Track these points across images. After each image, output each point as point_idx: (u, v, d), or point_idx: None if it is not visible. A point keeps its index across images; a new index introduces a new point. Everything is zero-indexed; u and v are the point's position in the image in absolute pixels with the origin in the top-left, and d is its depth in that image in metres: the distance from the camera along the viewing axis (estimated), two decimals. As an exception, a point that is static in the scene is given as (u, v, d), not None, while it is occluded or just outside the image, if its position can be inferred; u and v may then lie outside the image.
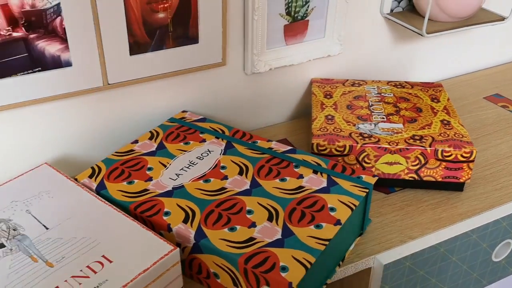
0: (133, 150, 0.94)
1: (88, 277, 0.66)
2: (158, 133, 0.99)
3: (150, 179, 0.87)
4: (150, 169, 0.89)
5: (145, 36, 0.92)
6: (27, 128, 0.92)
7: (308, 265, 0.69)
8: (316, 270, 0.73)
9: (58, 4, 0.82)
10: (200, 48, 0.99)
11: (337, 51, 1.19)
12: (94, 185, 0.86)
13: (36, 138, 0.94)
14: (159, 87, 1.02)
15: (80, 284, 0.65)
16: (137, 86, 0.99)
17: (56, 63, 0.86)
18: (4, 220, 0.75)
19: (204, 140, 0.97)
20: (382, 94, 1.13)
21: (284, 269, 0.69)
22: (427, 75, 1.38)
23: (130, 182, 0.86)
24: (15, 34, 0.81)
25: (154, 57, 0.95)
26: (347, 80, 1.21)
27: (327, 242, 0.73)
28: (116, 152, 0.94)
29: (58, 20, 0.83)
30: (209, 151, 0.94)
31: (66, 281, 0.65)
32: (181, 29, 0.95)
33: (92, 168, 0.90)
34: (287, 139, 1.15)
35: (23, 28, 0.81)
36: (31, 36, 0.82)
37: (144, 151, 0.94)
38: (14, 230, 0.74)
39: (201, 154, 0.93)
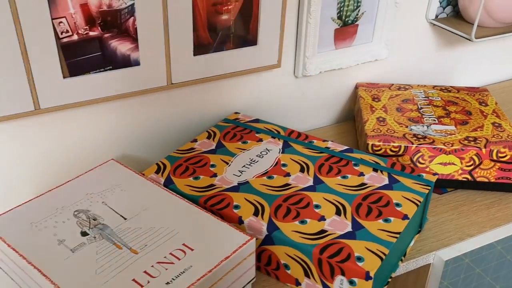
0: (194, 149, 0.97)
1: (172, 263, 0.68)
2: (215, 133, 1.02)
3: (215, 175, 0.89)
4: (213, 166, 0.92)
5: (208, 37, 0.95)
6: (95, 124, 0.95)
7: (383, 256, 0.71)
8: (385, 263, 0.75)
9: (132, 5, 0.85)
10: (258, 50, 1.02)
11: (384, 55, 1.22)
12: (161, 180, 0.88)
13: (102, 135, 0.97)
14: (214, 88, 1.05)
15: (166, 269, 0.67)
16: (196, 86, 1.02)
17: (126, 62, 0.90)
18: (83, 211, 0.78)
19: (261, 140, 0.99)
20: (429, 98, 1.16)
21: (359, 259, 0.71)
22: (470, 80, 1.40)
23: (196, 178, 0.89)
24: (91, 33, 0.84)
25: (215, 58, 0.98)
26: (393, 84, 1.23)
27: (397, 235, 0.75)
28: (177, 150, 0.97)
29: (131, 20, 0.86)
30: (267, 150, 0.96)
31: (152, 266, 0.68)
32: (242, 31, 0.98)
33: (157, 164, 0.93)
34: (334, 141, 1.17)
35: (99, 28, 0.84)
36: (106, 35, 0.86)
37: (204, 149, 0.97)
38: (94, 220, 0.76)
39: (260, 153, 0.95)
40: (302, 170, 0.90)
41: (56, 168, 0.94)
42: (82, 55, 0.85)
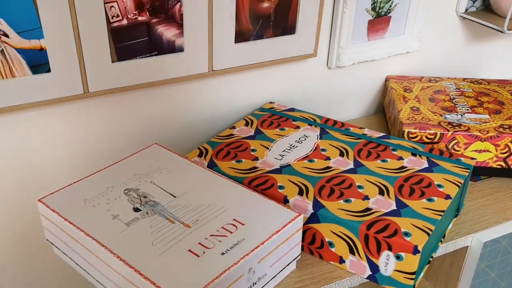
0: (233, 135, 1.00)
1: (225, 236, 0.71)
2: (252, 121, 1.04)
3: (256, 158, 0.91)
4: (253, 150, 0.94)
5: (249, 25, 0.98)
6: (139, 109, 0.97)
7: (430, 232, 0.73)
8: (428, 241, 0.77)
9: (180, -9, 0.88)
10: (296, 39, 1.04)
11: (416, 47, 1.24)
12: (205, 163, 0.91)
13: (144, 120, 0.99)
14: (250, 76, 1.07)
15: (220, 241, 0.70)
16: (234, 75, 1.04)
17: (171, 48, 0.92)
18: (133, 189, 0.81)
19: (298, 127, 1.02)
20: (461, 89, 1.17)
21: (406, 234, 0.73)
22: (499, 73, 1.42)
23: (238, 161, 0.91)
24: (140, 18, 0.87)
25: (255, 46, 1.01)
26: (423, 77, 1.25)
27: (442, 213, 0.77)
28: (217, 136, 0.99)
29: (177, 6, 0.89)
30: (305, 136, 0.98)
31: (206, 238, 0.70)
32: (281, 19, 1.00)
33: (199, 149, 0.95)
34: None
35: (147, 13, 0.87)
36: (153, 20, 0.88)
37: (243, 135, 0.99)
38: (144, 197, 0.79)
39: (299, 138, 0.98)
40: (341, 155, 0.92)
41: (102, 150, 0.97)
42: (130, 40, 0.88)
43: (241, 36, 0.98)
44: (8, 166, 0.89)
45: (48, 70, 0.83)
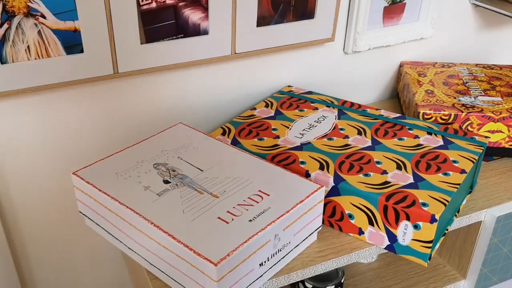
0: (254, 115, 1.04)
1: (252, 205, 0.75)
2: (272, 103, 1.08)
3: (278, 137, 0.95)
4: (275, 129, 0.98)
5: (271, 9, 1.02)
6: (164, 90, 1.02)
7: (446, 202, 0.77)
8: (445, 213, 0.81)
9: (205, -24, 0.92)
10: (315, 23, 1.08)
11: (429, 34, 1.27)
12: (228, 140, 0.95)
13: (169, 100, 1.03)
14: (270, 60, 1.11)
15: (247, 210, 0.74)
16: (254, 58, 1.08)
17: (196, 31, 0.96)
18: (162, 164, 0.85)
19: (316, 108, 1.05)
20: (473, 74, 1.21)
21: (424, 204, 0.77)
22: (511, 59, 1.45)
23: (260, 139, 0.95)
24: (168, 2, 0.91)
25: (275, 30, 1.04)
26: (436, 62, 1.28)
27: (457, 186, 0.81)
28: (239, 116, 1.03)
29: (203, -10, 0.93)
30: (324, 116, 1.02)
31: (234, 207, 0.74)
32: (301, 4, 1.04)
33: (222, 128, 0.99)
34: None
35: (174, -4, 0.91)
36: (180, 4, 0.92)
37: (264, 116, 1.03)
38: (173, 171, 0.83)
39: (318, 119, 1.01)
40: (359, 133, 0.96)
41: (129, 128, 1.01)
42: (158, 23, 0.92)
43: (262, 20, 1.02)
44: (44, 142, 0.94)
45: (81, 51, 0.87)
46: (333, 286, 0.96)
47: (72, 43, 0.86)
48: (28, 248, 1.02)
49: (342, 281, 0.97)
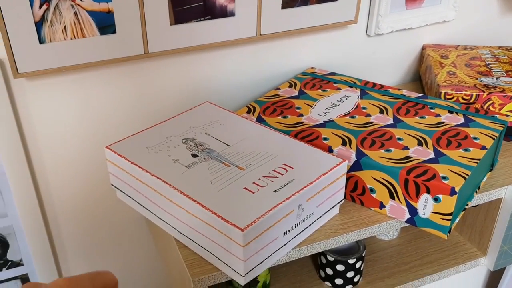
0: (278, 95, 1.07)
1: (276, 177, 0.78)
2: (295, 83, 1.11)
3: (301, 115, 0.98)
4: (298, 108, 1.01)
5: (295, -8, 1.04)
6: (192, 70, 1.05)
7: (466, 176, 0.79)
8: (465, 188, 0.83)
9: (232, -42, 0.95)
10: (338, 6, 1.10)
11: (452, 17, 1.29)
12: (253, 118, 0.98)
13: (196, 81, 1.07)
14: (293, 42, 1.14)
15: (272, 181, 0.77)
16: (281, 39, 1.11)
17: (223, 13, 1.00)
18: (190, 139, 0.89)
19: (339, 89, 1.08)
20: (496, 56, 1.22)
21: (444, 178, 0.79)
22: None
23: (284, 117, 0.98)
24: (195, -16, 0.94)
25: (299, 12, 1.07)
26: (458, 45, 1.30)
27: (477, 161, 0.83)
28: (263, 96, 1.07)
29: (229, -28, 0.96)
30: (346, 96, 1.05)
31: (259, 179, 0.78)
32: (325, -13, 1.06)
33: (248, 107, 1.02)
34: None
35: (202, -22, 0.94)
36: (208, -14, 0.95)
37: (287, 95, 1.06)
38: (201, 145, 0.87)
39: (340, 98, 1.04)
40: (381, 112, 0.98)
41: (159, 106, 1.05)
42: (187, 4, 0.95)
43: (287, 2, 1.04)
44: (78, 117, 0.99)
45: (114, 31, 0.91)
46: (354, 259, 0.99)
47: (105, 24, 0.90)
48: (60, 220, 1.07)
49: (363, 254, 1.00)
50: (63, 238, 1.10)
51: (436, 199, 0.79)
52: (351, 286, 1.02)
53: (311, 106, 1.01)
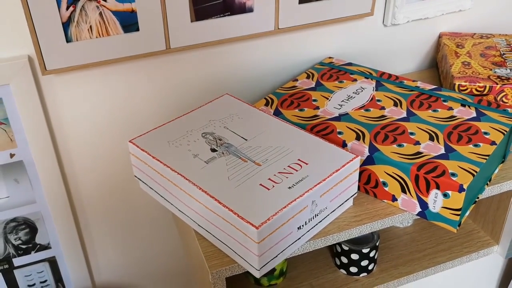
0: (296, 86, 1.10)
1: (291, 173, 0.82)
2: (313, 74, 1.14)
3: (317, 108, 1.02)
4: (315, 100, 1.04)
5: (312, -14, 1.06)
6: (211, 64, 1.09)
7: (474, 173, 0.82)
8: (475, 182, 0.86)
9: (250, -44, 0.97)
10: (354, -2, 1.12)
11: (468, 6, 1.29)
12: (271, 111, 1.02)
13: (216, 73, 1.10)
14: (312, 34, 1.16)
15: (287, 177, 0.81)
16: (298, 32, 1.13)
17: (241, 9, 1.02)
18: (210, 133, 0.92)
19: (355, 80, 1.11)
20: (511, 45, 1.23)
21: (453, 174, 0.82)
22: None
23: (301, 110, 1.01)
24: (214, -19, 0.97)
25: (316, 6, 1.09)
26: (475, 33, 1.31)
27: (486, 157, 0.85)
28: (281, 87, 1.10)
29: (247, -31, 0.98)
30: (362, 88, 1.07)
31: (275, 175, 0.82)
32: (342, -20, 1.08)
33: (266, 99, 1.06)
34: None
35: (221, -24, 0.97)
36: (226, -17, 0.98)
37: (305, 87, 1.09)
38: (219, 140, 0.91)
39: (356, 90, 1.07)
40: (395, 105, 1.01)
41: (180, 99, 1.09)
42: (207, 2, 0.98)
43: (304, -3, 1.07)
44: (103, 111, 1.03)
45: (137, 29, 0.95)
46: (368, 249, 1.03)
47: (129, 22, 0.93)
48: (86, 206, 1.13)
49: (377, 244, 1.04)
50: (88, 222, 1.16)
51: (445, 195, 0.82)
52: (366, 273, 1.06)
53: (327, 99, 1.04)
